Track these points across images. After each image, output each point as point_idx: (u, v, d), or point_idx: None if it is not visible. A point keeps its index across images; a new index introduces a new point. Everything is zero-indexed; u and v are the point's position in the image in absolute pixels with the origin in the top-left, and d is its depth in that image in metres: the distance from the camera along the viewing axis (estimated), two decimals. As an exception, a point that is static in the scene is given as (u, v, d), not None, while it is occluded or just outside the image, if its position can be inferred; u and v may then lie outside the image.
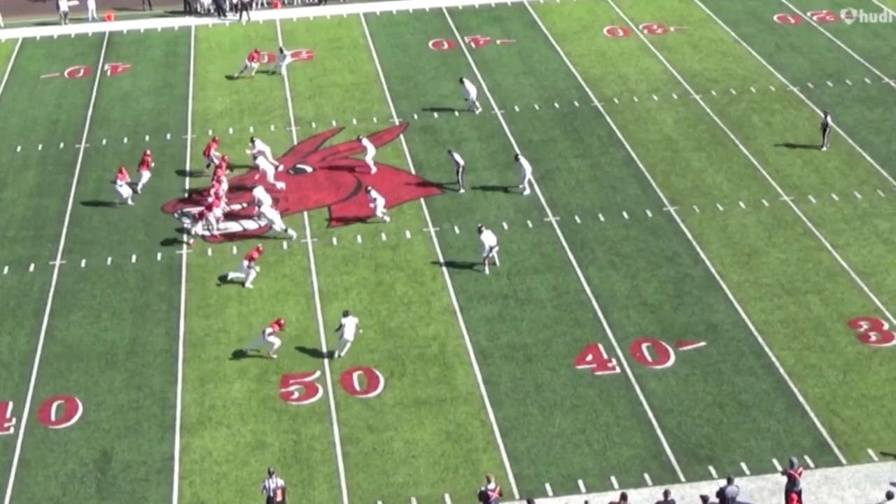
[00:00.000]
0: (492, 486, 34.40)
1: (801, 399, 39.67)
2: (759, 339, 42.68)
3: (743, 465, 36.81)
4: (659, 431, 38.51)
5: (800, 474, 34.79)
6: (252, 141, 54.93)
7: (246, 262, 46.27)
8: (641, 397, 40.00)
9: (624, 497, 34.04)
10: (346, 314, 42.15)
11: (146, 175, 53.23)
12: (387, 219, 50.40)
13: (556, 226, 49.98)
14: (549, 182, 53.11)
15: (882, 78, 63.05)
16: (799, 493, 34.77)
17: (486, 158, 55.76)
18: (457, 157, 53.05)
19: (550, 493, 36.02)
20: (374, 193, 50.42)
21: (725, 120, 58.87)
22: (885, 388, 40.00)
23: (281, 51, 66.52)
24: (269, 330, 41.97)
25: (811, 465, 36.66)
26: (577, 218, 50.58)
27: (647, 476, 36.62)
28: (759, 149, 55.92)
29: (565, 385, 40.65)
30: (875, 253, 47.39)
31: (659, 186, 52.92)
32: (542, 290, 45.82)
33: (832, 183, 52.53)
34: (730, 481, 34.51)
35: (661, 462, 37.18)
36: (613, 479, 36.52)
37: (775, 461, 36.93)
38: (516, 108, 60.17)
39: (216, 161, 53.62)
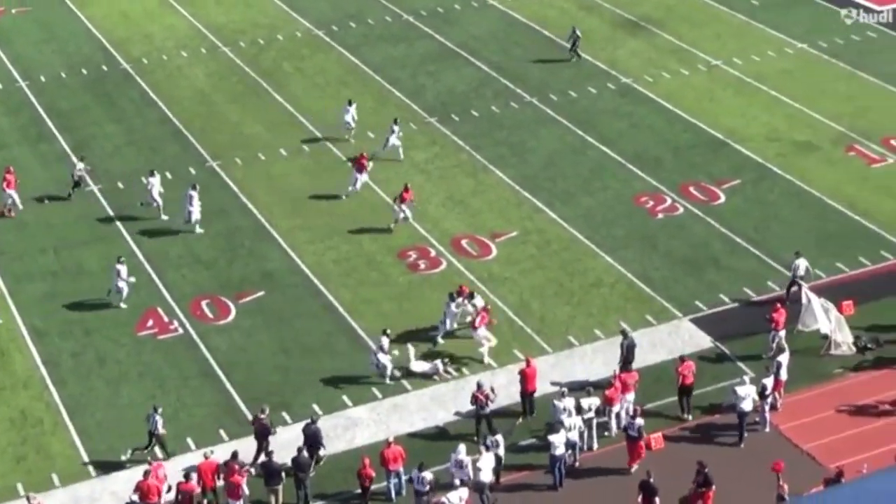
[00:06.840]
0: (263, 415, 34.90)
1: (361, 334, 40.77)
2: (316, 281, 43.52)
3: (315, 406, 37.46)
4: (229, 386, 38.62)
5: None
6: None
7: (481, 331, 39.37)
8: (207, 355, 39.95)
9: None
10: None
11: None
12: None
13: (98, 194, 48.84)
14: (87, 150, 51.61)
15: (402, 15, 65.18)
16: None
17: (17, 132, 53.74)
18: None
19: (128, 464, 35.43)
20: None
21: (257, 69, 59.27)
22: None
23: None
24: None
25: (380, 396, 37.89)
26: (120, 184, 49.64)
27: (222, 432, 36.64)
28: (294, 94, 56.69)
29: (129, 354, 40.04)
30: (415, 183, 49.05)
31: (199, 142, 52.73)
32: (93, 261, 44.78)
33: (364, 120, 53.70)
34: (313, 421, 34.99)
35: (235, 416, 37.28)
36: (189, 440, 36.32)
37: (345, 398, 37.84)
38: (42, 78, 58.12)
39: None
